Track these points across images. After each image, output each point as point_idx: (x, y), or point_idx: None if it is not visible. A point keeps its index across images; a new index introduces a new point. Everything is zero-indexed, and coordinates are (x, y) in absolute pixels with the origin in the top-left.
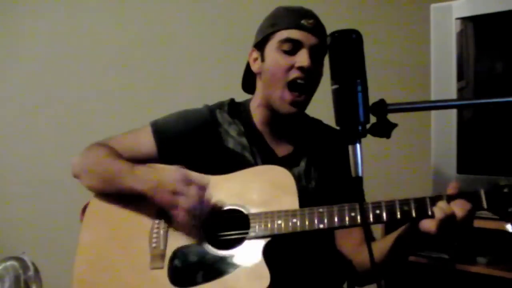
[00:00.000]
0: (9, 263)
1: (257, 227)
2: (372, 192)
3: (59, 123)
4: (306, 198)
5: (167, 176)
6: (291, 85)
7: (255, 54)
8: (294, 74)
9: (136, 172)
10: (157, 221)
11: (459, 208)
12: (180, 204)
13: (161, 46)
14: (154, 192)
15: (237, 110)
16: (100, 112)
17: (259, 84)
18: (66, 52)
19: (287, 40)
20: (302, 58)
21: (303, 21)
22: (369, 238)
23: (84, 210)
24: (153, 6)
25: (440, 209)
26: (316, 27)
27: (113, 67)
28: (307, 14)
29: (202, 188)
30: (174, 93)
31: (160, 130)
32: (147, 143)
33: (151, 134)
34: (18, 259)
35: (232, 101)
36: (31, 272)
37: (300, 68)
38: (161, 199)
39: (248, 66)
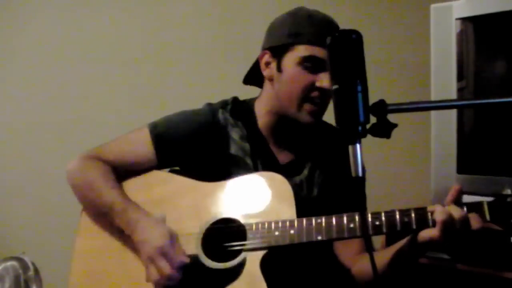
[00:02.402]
0: (9, 263)
1: (254, 238)
2: (372, 192)
3: (59, 123)
4: (308, 207)
5: (152, 239)
6: (309, 100)
7: (269, 58)
8: (314, 93)
9: (128, 215)
10: None
11: (456, 211)
12: (150, 273)
13: (163, 45)
14: (137, 245)
15: (241, 110)
16: (101, 112)
17: (269, 89)
18: (67, 52)
19: (311, 57)
20: (325, 79)
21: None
22: (370, 249)
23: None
24: (155, 5)
25: (440, 213)
26: None
27: (115, 66)
28: (332, 27)
29: (177, 267)
30: (177, 92)
31: (160, 136)
32: (145, 150)
33: (150, 140)
34: (18, 259)
35: (235, 100)
36: (31, 272)
37: (321, 89)
38: (141, 255)
39: (256, 64)
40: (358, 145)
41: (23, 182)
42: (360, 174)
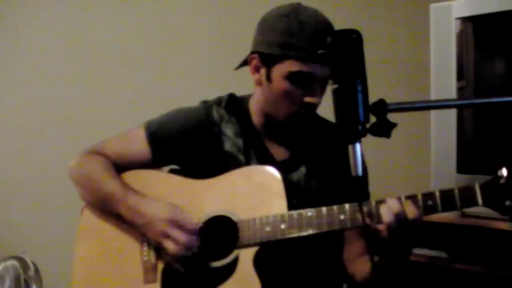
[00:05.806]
0: (9, 262)
1: (245, 235)
2: (372, 191)
3: (59, 122)
4: (307, 205)
5: (158, 214)
6: (297, 112)
7: (258, 63)
8: (302, 108)
9: (129, 201)
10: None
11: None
12: (167, 248)
13: (161, 44)
14: (144, 228)
15: (236, 107)
16: (100, 111)
17: (259, 92)
18: (66, 51)
19: (300, 73)
20: (314, 94)
21: (320, 52)
22: (369, 239)
23: (84, 210)
24: (153, 4)
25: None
26: None
27: (113, 65)
28: (324, 37)
29: (192, 232)
30: (177, 90)
31: (154, 134)
32: (141, 147)
33: (145, 138)
34: (19, 258)
35: (231, 96)
36: (31, 272)
37: (309, 104)
38: (150, 236)
39: (245, 62)
40: (358, 145)
41: (23, 182)
42: (360, 173)
